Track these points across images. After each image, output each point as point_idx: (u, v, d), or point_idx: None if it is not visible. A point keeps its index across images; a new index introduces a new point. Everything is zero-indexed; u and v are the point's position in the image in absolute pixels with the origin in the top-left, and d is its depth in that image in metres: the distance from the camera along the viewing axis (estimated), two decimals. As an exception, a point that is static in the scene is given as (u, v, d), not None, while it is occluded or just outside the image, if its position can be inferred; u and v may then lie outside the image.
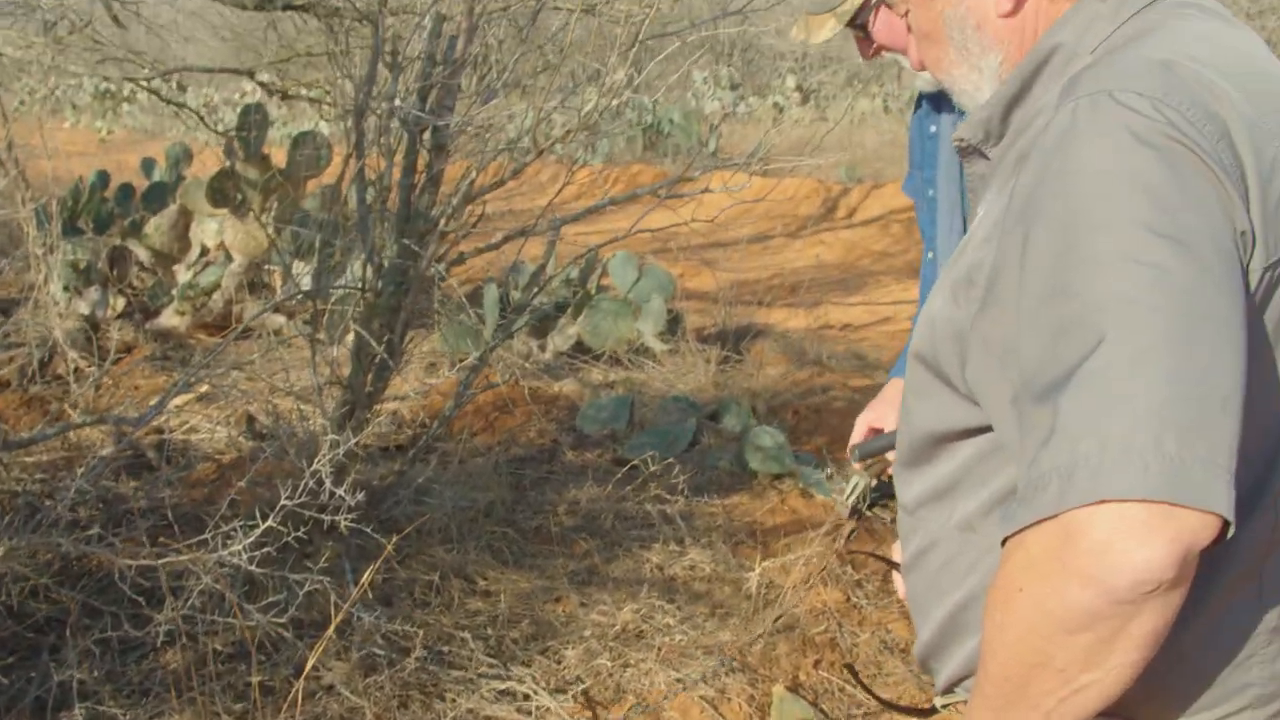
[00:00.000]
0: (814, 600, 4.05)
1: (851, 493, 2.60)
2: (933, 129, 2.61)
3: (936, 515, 1.41)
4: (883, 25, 2.35)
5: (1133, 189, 1.11)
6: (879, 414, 2.44)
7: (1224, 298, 1.09)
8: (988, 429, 1.31)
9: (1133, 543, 1.02)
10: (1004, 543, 1.14)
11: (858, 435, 2.43)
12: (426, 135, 3.71)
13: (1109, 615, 1.04)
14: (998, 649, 1.15)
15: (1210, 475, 1.03)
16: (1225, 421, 1.05)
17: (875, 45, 2.42)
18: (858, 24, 2.37)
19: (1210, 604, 1.23)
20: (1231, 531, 1.04)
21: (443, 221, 3.64)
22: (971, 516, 1.36)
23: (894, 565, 1.77)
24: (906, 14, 1.46)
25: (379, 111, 3.56)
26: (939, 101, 2.58)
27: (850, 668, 2.08)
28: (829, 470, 5.10)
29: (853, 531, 2.72)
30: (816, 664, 3.73)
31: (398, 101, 3.53)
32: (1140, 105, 1.15)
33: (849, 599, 4.11)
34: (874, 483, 2.52)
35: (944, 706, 1.52)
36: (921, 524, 1.44)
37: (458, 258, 3.88)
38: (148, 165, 8.99)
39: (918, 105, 2.71)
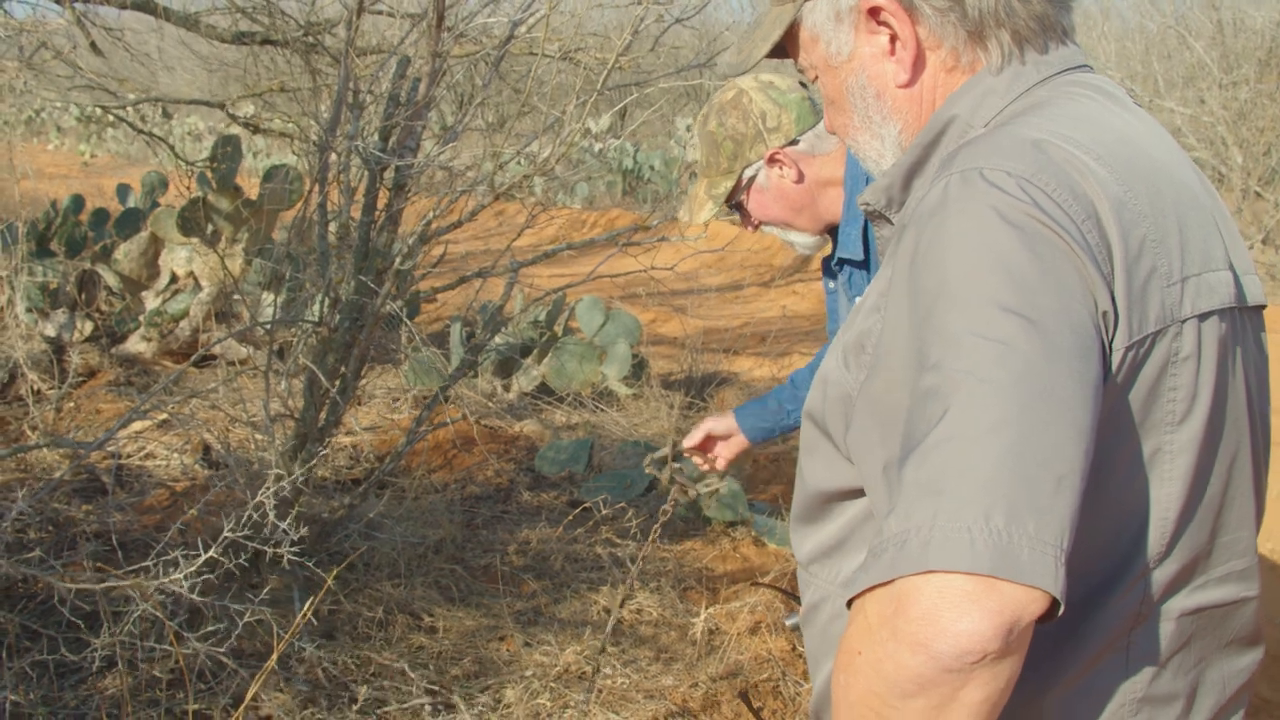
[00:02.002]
0: (759, 648, 4.07)
1: (657, 455, 2.98)
2: (831, 285, 2.74)
3: (826, 572, 1.44)
4: (755, 203, 2.58)
5: (991, 266, 1.15)
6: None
7: (1071, 378, 1.11)
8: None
9: (955, 613, 1.04)
10: (849, 605, 1.17)
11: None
12: (387, 174, 3.76)
13: (938, 682, 1.07)
14: (842, 709, 1.17)
15: (1037, 552, 1.05)
16: (1059, 500, 1.07)
17: (755, 220, 2.64)
18: (733, 205, 2.60)
19: (1073, 671, 1.26)
20: (1062, 609, 1.07)
21: (399, 260, 3.67)
22: (855, 575, 1.39)
23: (795, 598, 1.81)
24: (815, 79, 1.51)
25: (340, 149, 3.60)
26: (826, 264, 2.73)
27: (744, 695, 2.10)
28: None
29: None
30: (758, 712, 3.75)
31: (358, 141, 3.57)
32: (1007, 184, 1.19)
33: (794, 648, 4.13)
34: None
35: None
36: (814, 579, 1.47)
37: (427, 294, 3.91)
38: (123, 191, 9.00)
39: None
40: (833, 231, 2.62)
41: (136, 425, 5.30)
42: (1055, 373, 1.11)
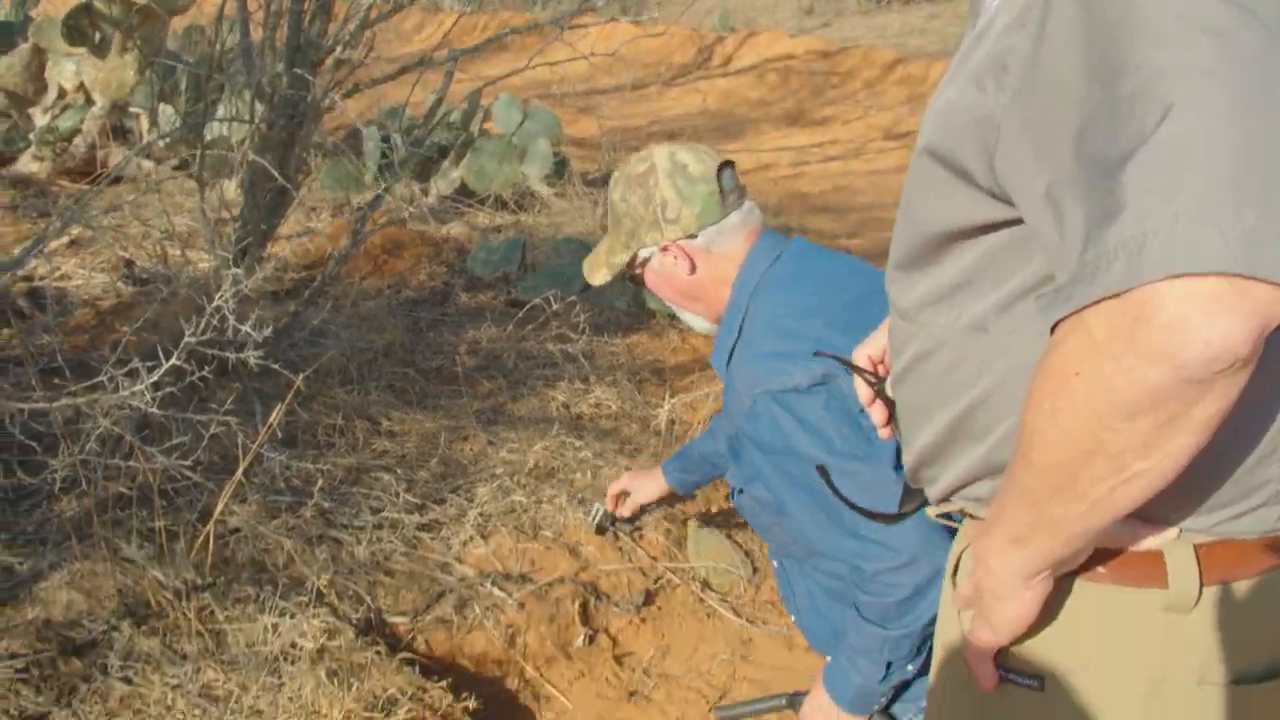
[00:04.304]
0: (721, 435, 4.06)
1: (593, 516, 3.38)
2: None
3: (941, 317, 1.34)
4: (649, 280, 2.50)
5: None
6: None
7: None
8: (1005, 224, 1.24)
9: (1211, 317, 0.96)
10: (1053, 329, 1.07)
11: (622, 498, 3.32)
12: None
13: (1176, 395, 0.99)
14: (1048, 436, 1.09)
15: None
16: None
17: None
18: (627, 276, 2.56)
19: (1238, 399, 1.20)
20: None
21: (340, 49, 3.46)
22: (983, 316, 1.29)
23: (872, 376, 1.68)
24: None
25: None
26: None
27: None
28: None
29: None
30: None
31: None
32: None
33: (754, 434, 4.12)
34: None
35: (938, 516, 1.48)
36: (922, 328, 1.37)
37: (366, 84, 3.70)
38: (-9, 4, 8.44)
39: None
40: None
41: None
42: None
